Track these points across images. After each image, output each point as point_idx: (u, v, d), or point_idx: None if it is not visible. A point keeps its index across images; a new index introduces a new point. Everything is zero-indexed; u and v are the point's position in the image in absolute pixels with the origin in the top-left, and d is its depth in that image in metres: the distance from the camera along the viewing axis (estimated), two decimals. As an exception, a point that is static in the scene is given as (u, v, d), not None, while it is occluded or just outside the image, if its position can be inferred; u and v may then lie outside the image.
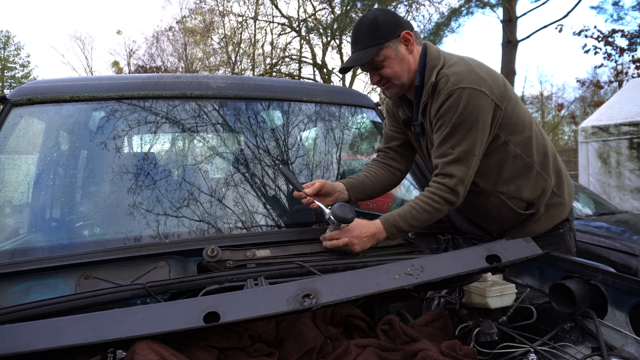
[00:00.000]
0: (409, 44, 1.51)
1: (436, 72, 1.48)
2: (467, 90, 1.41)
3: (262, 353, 1.08)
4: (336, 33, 14.95)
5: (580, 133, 7.69)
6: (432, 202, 1.45)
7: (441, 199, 1.44)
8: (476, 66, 1.48)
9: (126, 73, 25.70)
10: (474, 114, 1.42)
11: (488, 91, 1.43)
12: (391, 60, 1.50)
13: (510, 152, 1.54)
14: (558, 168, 1.66)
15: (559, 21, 11.57)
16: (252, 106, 1.91)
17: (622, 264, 3.62)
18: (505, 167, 1.56)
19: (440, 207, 1.45)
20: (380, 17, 1.48)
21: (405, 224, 1.44)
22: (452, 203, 1.46)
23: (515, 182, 1.58)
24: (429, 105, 1.52)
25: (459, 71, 1.45)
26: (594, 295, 1.16)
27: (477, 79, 1.43)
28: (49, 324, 0.88)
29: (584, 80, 18.43)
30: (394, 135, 1.78)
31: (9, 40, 29.10)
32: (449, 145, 1.46)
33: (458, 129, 1.43)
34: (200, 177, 1.70)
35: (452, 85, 1.43)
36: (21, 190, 1.58)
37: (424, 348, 1.05)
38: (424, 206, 1.45)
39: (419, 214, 1.44)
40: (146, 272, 1.30)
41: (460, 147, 1.44)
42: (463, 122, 1.42)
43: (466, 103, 1.41)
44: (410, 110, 1.66)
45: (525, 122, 1.56)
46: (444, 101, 1.44)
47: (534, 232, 1.61)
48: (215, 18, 20.25)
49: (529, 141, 1.56)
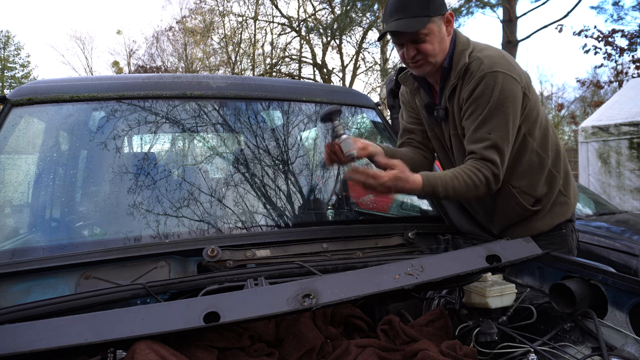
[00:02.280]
0: (449, 26, 1.50)
1: (467, 54, 1.47)
2: (502, 75, 1.40)
3: (262, 353, 1.08)
4: (336, 33, 14.96)
5: (580, 133, 7.70)
6: (476, 178, 1.41)
7: (485, 179, 1.41)
8: (505, 54, 1.48)
9: (126, 73, 25.70)
10: (508, 98, 1.40)
11: (519, 78, 1.43)
12: (434, 37, 1.46)
13: (528, 147, 1.54)
14: (567, 168, 1.67)
15: (559, 21, 11.61)
16: (252, 106, 1.91)
17: (622, 264, 3.62)
18: (522, 161, 1.55)
19: (480, 186, 1.41)
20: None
21: (443, 188, 1.40)
22: (491, 189, 1.43)
23: (529, 177, 1.57)
24: (458, 88, 1.49)
25: (492, 55, 1.44)
26: (594, 295, 1.16)
27: (509, 65, 1.42)
28: (49, 324, 0.88)
29: (584, 80, 18.47)
30: (413, 127, 1.75)
31: (9, 40, 29.13)
32: (485, 130, 1.42)
33: (494, 114, 1.41)
34: (200, 177, 1.70)
35: (487, 67, 1.41)
36: (21, 190, 1.58)
37: (424, 348, 1.05)
38: (467, 179, 1.40)
39: (460, 185, 1.40)
40: (146, 272, 1.30)
41: (497, 132, 1.41)
42: (499, 106, 1.40)
43: (501, 87, 1.39)
44: (429, 95, 1.63)
45: (542, 118, 1.56)
46: (478, 83, 1.42)
47: (537, 229, 1.61)
48: (215, 18, 20.29)
49: (546, 138, 1.56)
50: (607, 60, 13.96)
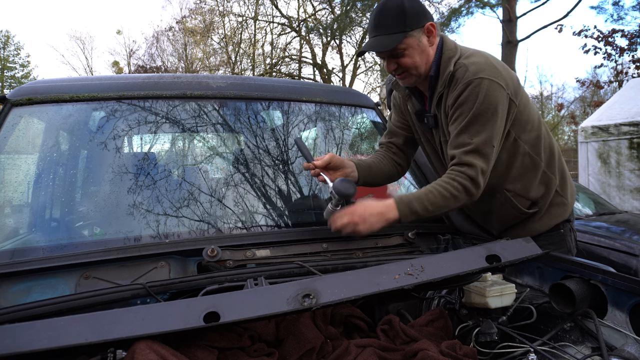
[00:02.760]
0: (431, 36, 1.48)
1: (454, 62, 1.46)
2: (487, 81, 1.39)
3: (262, 353, 1.08)
4: (336, 33, 14.96)
5: (580, 133, 7.70)
6: (451, 188, 1.39)
7: (461, 186, 1.39)
8: (493, 59, 1.47)
9: (126, 73, 25.70)
10: (493, 104, 1.39)
11: (504, 85, 1.42)
12: (412, 51, 1.46)
13: (520, 150, 1.53)
14: (562, 168, 1.66)
15: (559, 21, 11.60)
16: (252, 106, 1.91)
17: (622, 264, 3.62)
18: (514, 164, 1.55)
19: (458, 194, 1.39)
20: (407, 2, 1.43)
21: (420, 206, 1.38)
22: (471, 194, 1.40)
23: (522, 180, 1.57)
24: (444, 96, 1.49)
25: (478, 62, 1.43)
26: (594, 295, 1.16)
27: (495, 71, 1.42)
28: (49, 324, 0.88)
29: (584, 80, 18.43)
30: (398, 131, 1.76)
31: (8, 40, 29.12)
32: (467, 136, 1.41)
33: (477, 119, 1.40)
34: (200, 177, 1.70)
35: (471, 74, 1.40)
36: (21, 190, 1.58)
37: (424, 348, 1.05)
38: (442, 191, 1.39)
39: (436, 198, 1.38)
40: (146, 272, 1.30)
41: (479, 137, 1.40)
42: (482, 112, 1.39)
43: (485, 93, 1.39)
44: (420, 102, 1.63)
45: (535, 120, 1.56)
46: (462, 90, 1.41)
47: (535, 230, 1.61)
48: (215, 18, 20.25)
49: (538, 140, 1.56)
50: (607, 60, 13.96)
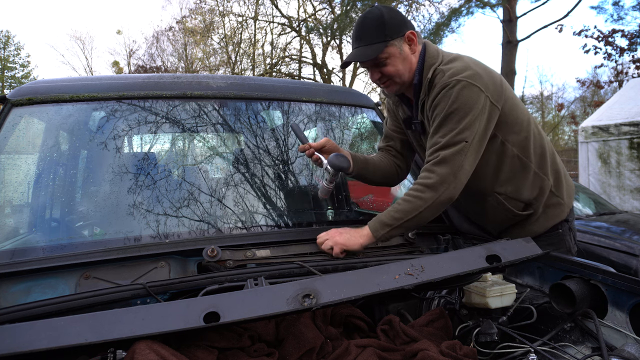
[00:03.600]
0: (412, 44, 1.51)
1: (433, 69, 1.48)
2: (462, 83, 1.40)
3: (262, 353, 1.08)
4: (336, 33, 14.96)
5: (580, 133, 7.70)
6: (412, 190, 1.41)
7: (420, 185, 1.40)
8: (473, 63, 1.48)
9: (126, 73, 25.70)
10: (467, 105, 1.40)
11: (483, 87, 1.42)
12: (395, 59, 1.49)
13: (508, 153, 1.54)
14: (556, 168, 1.65)
15: (559, 21, 11.61)
16: (252, 106, 1.91)
17: (622, 264, 3.62)
18: (503, 167, 1.55)
19: (419, 194, 1.39)
20: (386, 14, 1.47)
21: (388, 217, 1.39)
22: (433, 187, 1.38)
23: (513, 182, 1.57)
24: (426, 102, 1.52)
25: (455, 66, 1.45)
26: (594, 295, 1.16)
27: (472, 74, 1.42)
28: (49, 324, 0.88)
29: (584, 80, 18.46)
30: (394, 135, 1.79)
31: (9, 40, 29.11)
32: (439, 135, 1.43)
33: (449, 119, 1.41)
34: (200, 177, 1.70)
35: (446, 78, 1.43)
36: (21, 190, 1.58)
37: (424, 348, 1.05)
38: (405, 197, 1.41)
39: (399, 204, 1.40)
40: (146, 272, 1.30)
41: (450, 135, 1.40)
42: (454, 112, 1.40)
43: (458, 94, 1.40)
44: (409, 108, 1.66)
45: (523, 122, 1.55)
46: (437, 93, 1.44)
47: (533, 232, 1.60)
48: (215, 18, 20.25)
49: (527, 141, 1.56)
50: (607, 60, 13.96)
